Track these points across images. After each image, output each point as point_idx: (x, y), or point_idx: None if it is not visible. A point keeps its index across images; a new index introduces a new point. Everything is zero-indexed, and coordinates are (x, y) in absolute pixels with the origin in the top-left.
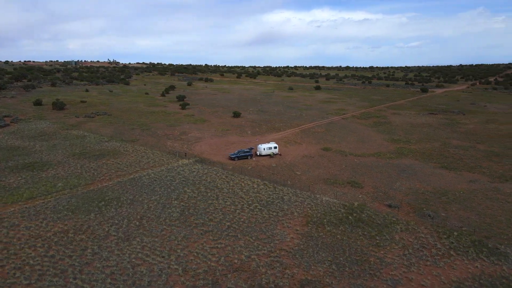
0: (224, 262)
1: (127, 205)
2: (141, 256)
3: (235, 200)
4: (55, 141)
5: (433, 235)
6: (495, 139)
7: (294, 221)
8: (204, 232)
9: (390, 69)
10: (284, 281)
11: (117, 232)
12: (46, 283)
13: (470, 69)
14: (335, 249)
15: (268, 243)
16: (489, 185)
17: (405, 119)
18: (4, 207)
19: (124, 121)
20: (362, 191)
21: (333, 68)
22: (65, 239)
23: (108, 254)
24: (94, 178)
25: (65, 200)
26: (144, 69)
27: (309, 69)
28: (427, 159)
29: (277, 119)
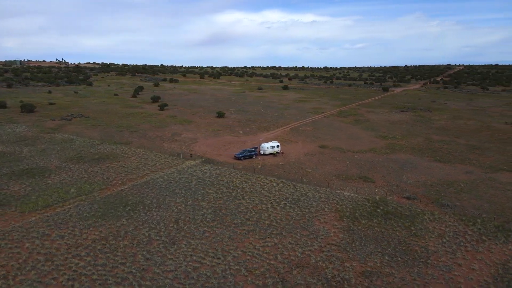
0: (282, 260)
1: (155, 209)
2: (196, 259)
3: (262, 199)
4: (41, 145)
5: (460, 223)
6: (468, 133)
7: (328, 216)
8: (247, 232)
9: (343, 69)
10: (347, 273)
11: (160, 236)
12: None
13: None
14: (379, 241)
15: (315, 239)
16: (484, 175)
17: (381, 116)
18: (22, 216)
19: (107, 124)
20: (376, 185)
21: (290, 69)
22: (108, 246)
23: (161, 259)
24: (106, 183)
25: (87, 207)
26: (100, 70)
27: (267, 69)
28: (419, 154)
29: (261, 119)
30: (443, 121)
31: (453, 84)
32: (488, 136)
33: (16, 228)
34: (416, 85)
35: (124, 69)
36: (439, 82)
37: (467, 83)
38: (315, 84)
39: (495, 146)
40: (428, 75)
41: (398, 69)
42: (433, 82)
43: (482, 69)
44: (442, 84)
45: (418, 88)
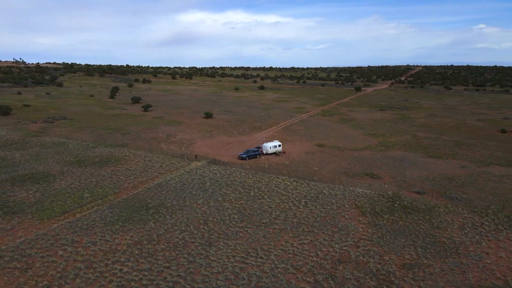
0: (324, 256)
1: (179, 211)
2: (240, 259)
3: (282, 198)
4: (33, 149)
5: (474, 215)
6: (449, 130)
7: (351, 212)
8: (279, 231)
9: (310, 69)
10: (390, 267)
11: (194, 238)
12: None
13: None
14: (407, 234)
15: (347, 235)
16: (478, 169)
17: (364, 115)
18: (42, 223)
19: (94, 126)
20: (384, 181)
21: (258, 69)
22: (145, 250)
23: (205, 261)
24: (118, 186)
25: (107, 211)
26: (65, 70)
27: (236, 69)
28: (412, 150)
29: (250, 119)
30: (422, 119)
31: (417, 84)
32: (468, 133)
33: (40, 236)
34: (384, 85)
35: (90, 69)
36: (404, 82)
37: (430, 82)
38: (288, 84)
39: (477, 142)
40: (392, 75)
41: (362, 69)
42: (399, 82)
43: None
44: (408, 84)
45: (387, 87)
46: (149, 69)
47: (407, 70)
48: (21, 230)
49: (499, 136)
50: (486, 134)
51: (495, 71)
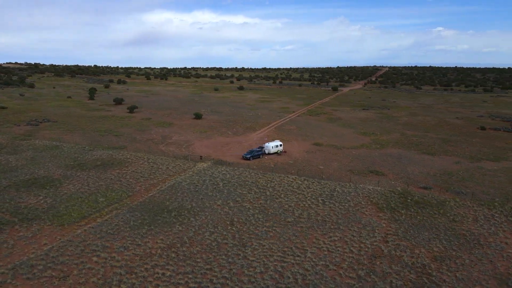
0: (358, 252)
1: (202, 213)
2: (278, 258)
3: (298, 197)
4: (26, 153)
5: (482, 208)
6: (433, 128)
7: (369, 209)
8: (306, 229)
9: (282, 70)
10: (423, 259)
11: (226, 239)
12: None
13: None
14: (428, 228)
15: (373, 230)
16: (472, 165)
17: (349, 114)
18: (63, 230)
19: (82, 128)
20: (389, 178)
21: (231, 69)
22: (181, 253)
23: (245, 261)
24: (131, 190)
25: (128, 215)
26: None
27: (208, 70)
28: (406, 148)
29: (240, 119)
30: (405, 118)
31: (388, 84)
32: (451, 130)
33: (67, 242)
34: (358, 85)
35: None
36: (376, 82)
37: (401, 83)
38: (265, 84)
39: (462, 139)
40: (362, 76)
41: (332, 69)
42: (371, 82)
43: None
44: (379, 84)
45: (362, 87)
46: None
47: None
48: (43, 237)
49: (480, 133)
50: (468, 132)
51: (456, 71)
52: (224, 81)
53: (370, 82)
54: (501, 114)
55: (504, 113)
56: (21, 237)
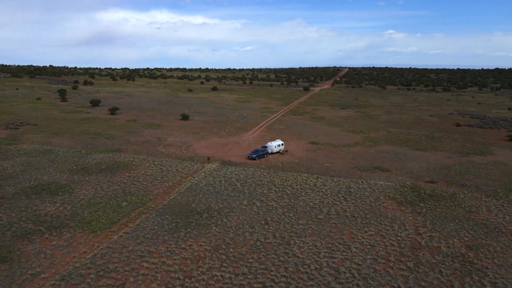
0: (398, 245)
1: (232, 213)
2: (326, 255)
3: (319, 194)
4: (19, 158)
5: (490, 198)
6: (413, 125)
7: (389, 203)
8: (340, 224)
9: (246, 70)
10: (459, 249)
11: (268, 239)
12: None
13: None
14: (450, 219)
15: (402, 224)
16: (463, 159)
17: (330, 113)
18: (97, 237)
19: (68, 131)
20: (395, 173)
21: (195, 70)
22: (230, 255)
23: (296, 259)
24: (149, 193)
25: (159, 219)
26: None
27: (172, 70)
28: (397, 144)
29: (228, 120)
30: (384, 116)
31: (354, 84)
32: (430, 127)
33: (108, 250)
34: (326, 85)
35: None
36: (341, 82)
37: (365, 83)
38: (236, 84)
39: (444, 135)
40: (326, 76)
41: (295, 70)
42: (337, 82)
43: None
44: (345, 84)
45: (330, 87)
46: (79, 70)
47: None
48: (79, 245)
49: (457, 129)
50: (446, 128)
51: (412, 72)
52: (193, 82)
53: (336, 82)
54: (468, 111)
55: (470, 111)
56: (56, 246)
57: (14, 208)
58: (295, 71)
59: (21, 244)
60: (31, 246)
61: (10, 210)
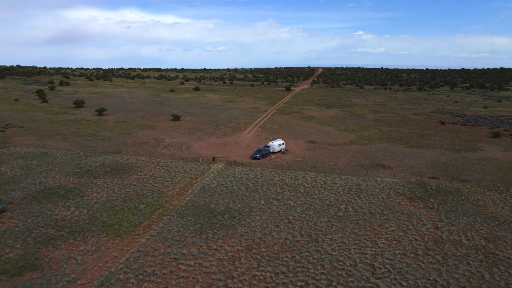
0: (422, 239)
1: (253, 213)
2: (356, 252)
3: (332, 192)
4: (16, 162)
5: (493, 192)
6: (401, 124)
7: (401, 199)
8: (361, 221)
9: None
10: (479, 241)
11: (296, 237)
12: None
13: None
14: (461, 213)
15: (419, 219)
16: (457, 155)
17: (319, 113)
18: (124, 241)
19: (59, 133)
20: (397, 170)
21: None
22: (264, 254)
23: (329, 257)
24: (163, 195)
25: (182, 221)
26: None
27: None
28: (391, 142)
29: (220, 120)
30: (370, 115)
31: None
32: (416, 125)
33: (139, 253)
34: (305, 85)
35: None
36: (319, 82)
37: (343, 82)
38: (216, 85)
39: (432, 133)
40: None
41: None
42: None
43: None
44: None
45: (310, 87)
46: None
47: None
48: (108, 249)
49: (443, 127)
50: (432, 126)
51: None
52: (173, 82)
53: (314, 82)
54: (448, 110)
55: (449, 109)
56: (84, 251)
57: (27, 214)
58: (271, 71)
59: (46, 250)
60: (58, 252)
61: (24, 216)
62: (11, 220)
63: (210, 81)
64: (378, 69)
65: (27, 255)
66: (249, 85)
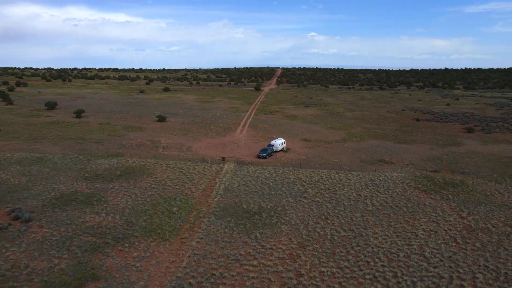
0: (454, 229)
1: (289, 211)
2: (403, 242)
3: (351, 188)
4: (13, 168)
5: (494, 183)
6: (379, 121)
7: (417, 192)
8: (392, 215)
9: (182, 71)
10: (504, 228)
11: (341, 232)
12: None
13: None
14: (476, 203)
15: (442, 210)
16: (444, 150)
17: (299, 112)
18: (173, 245)
19: (44, 137)
20: (399, 165)
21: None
22: (320, 251)
23: (381, 249)
24: (189, 197)
25: (222, 222)
26: None
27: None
28: (380, 139)
29: (207, 120)
30: (348, 113)
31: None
32: (394, 122)
33: (196, 257)
34: (272, 85)
35: None
36: (283, 81)
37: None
38: (183, 85)
39: (412, 129)
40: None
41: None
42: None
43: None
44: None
45: (278, 87)
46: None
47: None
48: (162, 254)
49: (419, 124)
50: (409, 123)
51: (342, 72)
52: (137, 83)
53: (279, 82)
54: (416, 107)
55: (417, 107)
56: (139, 258)
57: (57, 222)
58: (231, 71)
59: (98, 259)
60: (111, 260)
61: (55, 224)
62: (42, 230)
63: (175, 82)
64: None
65: (80, 264)
66: (218, 86)
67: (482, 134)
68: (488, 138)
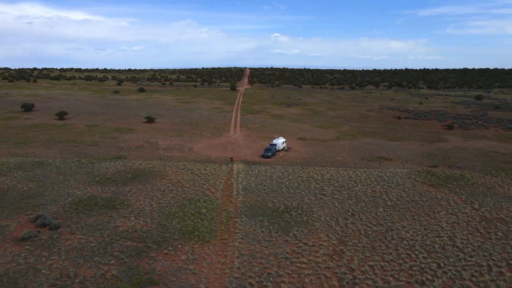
0: (473, 219)
1: (315, 209)
2: (433, 234)
3: (364, 184)
4: (15, 174)
5: (490, 176)
6: (363, 120)
7: (426, 187)
8: (412, 209)
9: (149, 71)
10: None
11: (372, 227)
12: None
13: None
14: (483, 195)
15: (457, 203)
16: (433, 146)
17: (283, 111)
18: (216, 246)
19: (33, 141)
20: (399, 161)
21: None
22: (360, 246)
23: (415, 242)
24: (211, 197)
25: (256, 222)
26: None
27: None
28: (371, 136)
29: (196, 121)
30: (330, 112)
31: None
32: (377, 120)
33: (245, 257)
34: (246, 85)
35: None
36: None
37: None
38: (156, 85)
39: (396, 127)
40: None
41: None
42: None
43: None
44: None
45: (252, 87)
46: None
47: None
48: (209, 256)
49: (401, 121)
50: (392, 121)
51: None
52: (107, 83)
53: (251, 82)
54: (391, 106)
55: (392, 106)
56: (189, 261)
57: (88, 228)
58: (199, 71)
59: (146, 263)
60: (161, 264)
61: (87, 230)
62: (76, 236)
63: (147, 82)
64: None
65: (130, 270)
66: (193, 86)
67: (461, 130)
68: (468, 134)
